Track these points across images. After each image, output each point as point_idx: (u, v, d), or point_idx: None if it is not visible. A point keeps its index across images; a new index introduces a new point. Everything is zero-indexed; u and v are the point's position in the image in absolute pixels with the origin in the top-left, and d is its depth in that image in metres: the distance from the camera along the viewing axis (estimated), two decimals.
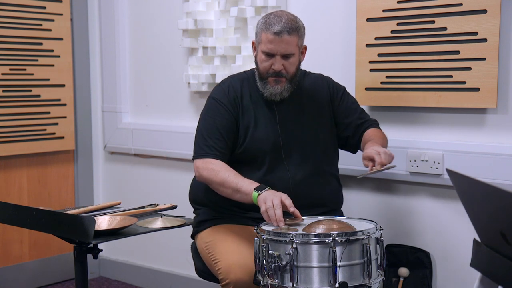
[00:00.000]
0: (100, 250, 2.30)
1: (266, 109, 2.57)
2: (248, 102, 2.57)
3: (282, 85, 2.49)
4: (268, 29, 2.44)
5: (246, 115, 2.55)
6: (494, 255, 1.67)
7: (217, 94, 2.58)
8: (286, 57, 2.47)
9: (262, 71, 2.50)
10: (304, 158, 2.57)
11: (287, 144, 2.55)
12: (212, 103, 2.57)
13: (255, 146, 2.50)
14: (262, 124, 2.55)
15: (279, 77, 2.48)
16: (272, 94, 2.51)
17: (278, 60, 2.46)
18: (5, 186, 3.74)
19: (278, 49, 2.44)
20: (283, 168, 2.52)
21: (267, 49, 2.45)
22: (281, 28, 2.42)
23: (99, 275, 4.19)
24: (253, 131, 2.54)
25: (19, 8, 3.70)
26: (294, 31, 2.45)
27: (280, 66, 2.46)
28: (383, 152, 2.33)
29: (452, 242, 2.78)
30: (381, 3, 2.83)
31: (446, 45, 2.69)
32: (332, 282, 2.05)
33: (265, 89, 2.51)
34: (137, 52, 3.91)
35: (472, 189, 1.69)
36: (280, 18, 2.45)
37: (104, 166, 4.15)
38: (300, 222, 2.27)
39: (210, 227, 2.57)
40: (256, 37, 2.53)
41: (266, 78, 2.50)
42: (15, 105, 3.71)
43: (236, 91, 2.57)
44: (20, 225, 2.28)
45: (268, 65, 2.47)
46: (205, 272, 2.59)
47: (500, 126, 2.64)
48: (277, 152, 2.53)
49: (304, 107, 2.59)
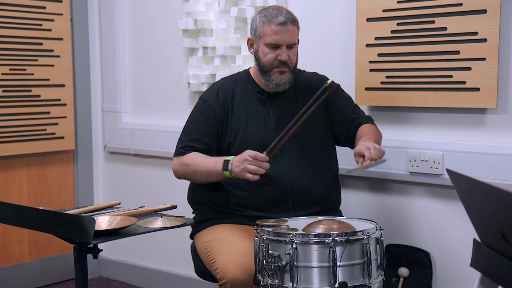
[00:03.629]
0: (100, 250, 2.29)
1: (260, 107, 2.59)
2: (240, 102, 2.59)
3: (286, 75, 2.53)
4: (271, 21, 2.49)
5: (236, 115, 2.58)
6: (494, 255, 1.67)
7: (206, 95, 2.65)
8: (290, 47, 2.52)
9: (267, 63, 2.52)
10: (300, 155, 2.57)
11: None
12: (200, 104, 2.64)
13: (249, 145, 2.50)
14: (255, 123, 2.57)
15: (284, 67, 2.51)
16: (278, 84, 2.54)
17: (284, 50, 2.50)
18: (5, 186, 3.74)
19: (284, 39, 2.49)
20: (279, 166, 2.52)
21: (273, 40, 2.49)
22: (285, 18, 2.48)
23: (99, 275, 4.19)
24: (244, 131, 2.56)
25: (19, 8, 3.70)
26: (295, 21, 2.53)
27: (286, 56, 2.50)
28: (372, 147, 2.34)
29: (452, 242, 2.78)
30: (381, 3, 2.83)
31: (446, 45, 2.69)
32: (332, 282, 2.05)
33: (270, 81, 2.54)
34: (137, 52, 3.91)
35: (472, 189, 1.69)
36: (279, 10, 2.52)
37: (104, 166, 4.15)
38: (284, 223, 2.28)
39: (209, 227, 2.58)
40: (254, 33, 2.55)
41: (270, 70, 2.53)
42: (15, 105, 3.71)
43: (227, 92, 2.61)
44: (20, 225, 2.27)
45: (273, 56, 2.50)
46: (205, 273, 2.59)
47: (500, 126, 2.64)
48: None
49: (299, 104, 2.59)
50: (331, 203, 2.63)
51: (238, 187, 2.54)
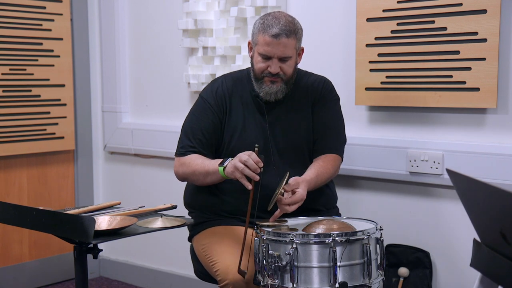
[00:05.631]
0: (100, 250, 2.29)
1: (257, 110, 2.55)
2: (238, 102, 2.57)
3: (278, 85, 2.47)
4: (265, 31, 2.41)
5: (234, 116, 2.55)
6: (494, 255, 1.67)
7: (206, 93, 2.61)
8: (283, 60, 2.44)
9: (257, 72, 2.48)
10: (294, 161, 2.54)
11: (277, 147, 2.54)
12: (200, 102, 2.60)
13: (244, 148, 2.48)
14: (251, 126, 2.54)
15: (275, 77, 2.46)
16: (268, 93, 2.49)
17: (275, 63, 2.43)
18: (5, 186, 3.74)
19: (275, 52, 2.41)
20: (272, 172, 2.49)
21: (264, 51, 2.42)
22: (279, 30, 2.39)
23: (99, 275, 4.19)
24: (240, 133, 2.53)
25: (19, 8, 3.70)
26: (292, 33, 2.42)
27: (277, 69, 2.43)
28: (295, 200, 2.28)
29: (452, 242, 2.78)
30: (381, 3, 2.83)
31: (446, 45, 2.69)
32: (332, 282, 2.05)
33: (261, 88, 2.50)
34: (137, 52, 3.91)
35: (472, 189, 1.69)
36: (278, 20, 2.42)
37: (104, 166, 4.15)
38: (284, 223, 2.27)
39: (206, 229, 2.57)
40: (252, 38, 2.50)
41: (262, 78, 2.48)
42: (15, 105, 3.71)
43: (226, 91, 2.57)
44: (20, 225, 2.27)
45: (264, 66, 2.45)
46: (204, 274, 2.58)
47: (500, 126, 2.63)
48: (266, 156, 2.50)
49: (296, 108, 2.57)
50: (327, 209, 2.60)
51: (230, 194, 2.52)
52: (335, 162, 2.57)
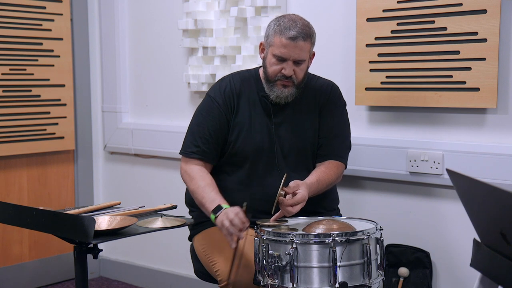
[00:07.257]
0: (100, 250, 2.30)
1: (263, 111, 2.54)
2: (245, 103, 2.55)
3: (289, 89, 2.46)
4: (282, 33, 2.39)
5: (240, 115, 2.54)
6: (494, 255, 1.67)
7: (213, 92, 2.58)
8: (297, 63, 2.42)
9: (271, 74, 2.45)
10: (298, 164, 2.54)
11: (281, 149, 2.53)
12: (208, 101, 2.58)
13: (248, 149, 2.47)
14: (257, 127, 2.53)
15: (287, 81, 2.44)
16: (278, 97, 2.47)
17: (289, 65, 2.41)
18: (5, 186, 3.74)
19: (291, 55, 2.40)
20: (276, 174, 2.49)
21: (279, 53, 2.40)
22: (296, 33, 2.38)
23: (99, 275, 4.19)
24: (246, 133, 2.52)
25: (19, 8, 3.70)
26: (308, 37, 2.41)
27: (291, 72, 2.42)
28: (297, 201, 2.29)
29: (452, 242, 2.78)
30: (381, 3, 2.83)
31: (446, 45, 2.69)
32: (332, 282, 2.05)
33: (272, 91, 2.47)
34: (137, 52, 3.91)
35: (472, 189, 1.69)
36: (295, 22, 2.40)
37: (104, 166, 4.15)
38: (284, 223, 2.27)
39: (206, 229, 2.57)
40: (266, 39, 2.47)
41: (274, 81, 2.46)
42: (15, 105, 3.71)
43: (234, 90, 2.55)
44: (20, 225, 2.27)
45: (278, 68, 2.43)
46: (204, 274, 2.59)
47: (500, 126, 2.64)
48: (271, 157, 2.51)
49: (303, 111, 2.56)
50: (329, 211, 2.60)
51: (231, 193, 2.49)
52: (338, 169, 2.57)
